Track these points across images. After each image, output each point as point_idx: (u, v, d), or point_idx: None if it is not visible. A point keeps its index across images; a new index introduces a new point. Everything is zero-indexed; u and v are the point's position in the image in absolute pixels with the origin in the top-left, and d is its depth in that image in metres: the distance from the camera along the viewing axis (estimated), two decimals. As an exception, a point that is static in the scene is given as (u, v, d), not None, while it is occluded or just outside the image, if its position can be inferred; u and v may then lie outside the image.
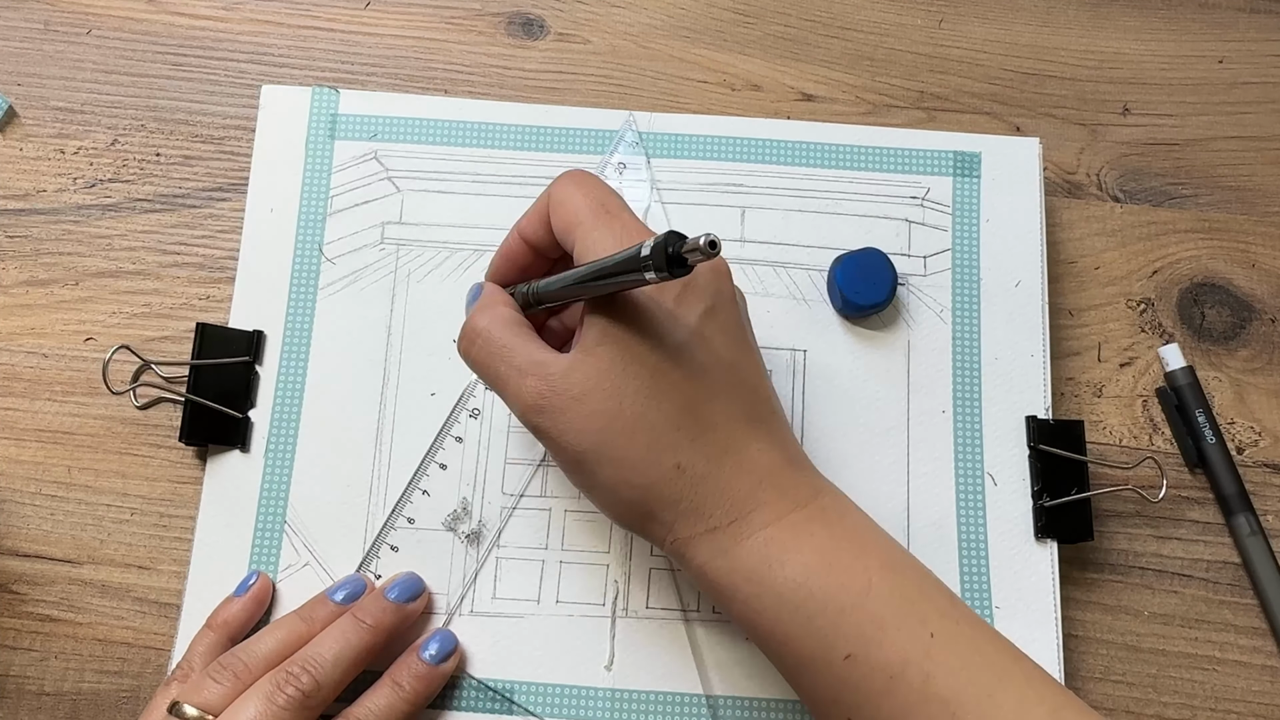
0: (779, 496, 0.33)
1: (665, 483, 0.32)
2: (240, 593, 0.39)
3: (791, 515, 0.33)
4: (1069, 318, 0.46)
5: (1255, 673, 0.42)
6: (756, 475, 0.33)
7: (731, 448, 0.33)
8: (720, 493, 0.32)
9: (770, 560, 0.32)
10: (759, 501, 0.32)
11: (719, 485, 0.32)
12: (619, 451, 0.32)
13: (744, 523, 0.32)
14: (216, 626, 0.38)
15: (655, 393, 0.32)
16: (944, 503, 0.42)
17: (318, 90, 0.46)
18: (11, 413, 0.44)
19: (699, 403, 0.32)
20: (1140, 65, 0.51)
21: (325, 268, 0.44)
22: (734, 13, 0.51)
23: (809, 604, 0.31)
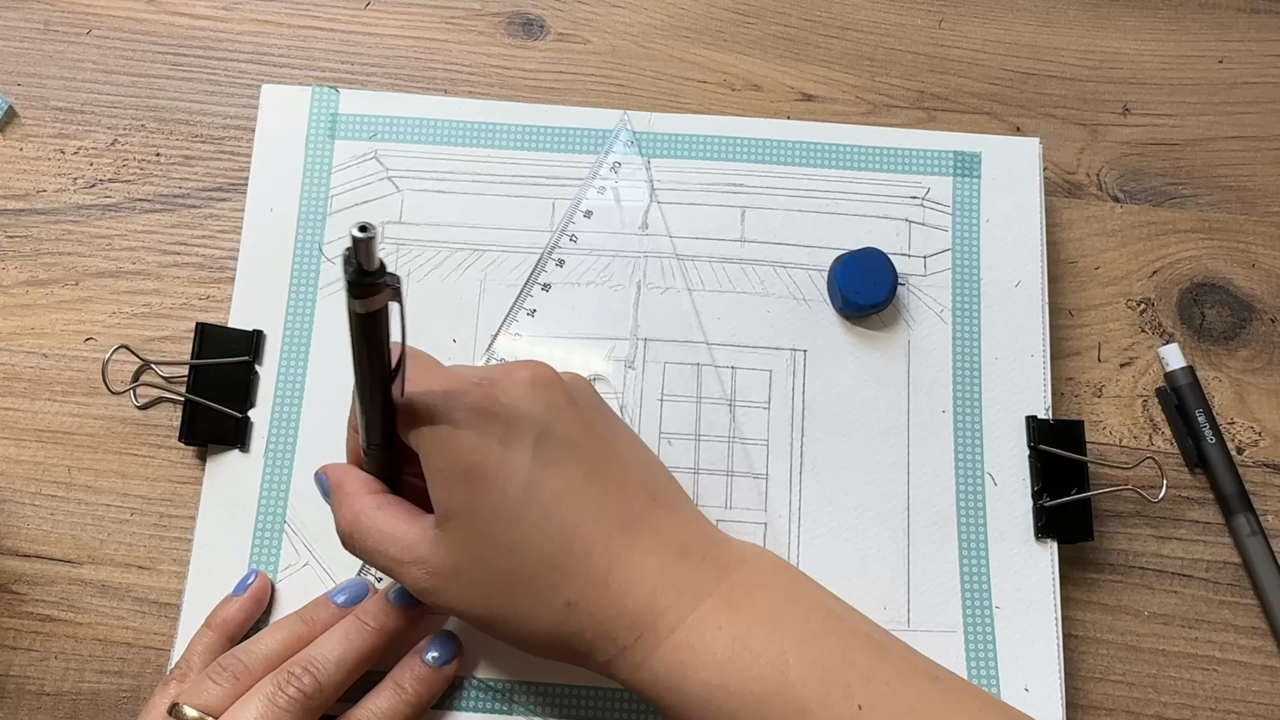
0: (678, 596, 0.32)
1: (563, 621, 0.32)
2: (239, 592, 0.39)
3: (696, 612, 0.31)
4: (1069, 318, 0.46)
5: (1255, 673, 0.42)
6: (649, 583, 0.32)
7: (614, 565, 0.32)
8: (617, 613, 0.32)
9: (683, 666, 0.31)
10: (660, 609, 0.32)
11: (614, 607, 0.32)
12: (509, 608, 0.32)
13: (650, 633, 0.31)
14: (215, 626, 0.38)
15: (518, 544, 0.31)
16: (944, 503, 0.42)
17: (318, 90, 0.46)
18: (11, 413, 0.44)
19: (566, 535, 0.31)
20: (1140, 65, 0.51)
21: (325, 267, 0.44)
22: (734, 13, 0.51)
23: (728, 703, 0.31)
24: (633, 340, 0.44)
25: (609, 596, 0.32)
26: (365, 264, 0.26)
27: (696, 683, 0.31)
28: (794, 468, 0.42)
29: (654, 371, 0.43)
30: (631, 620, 0.31)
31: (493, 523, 0.31)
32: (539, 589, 0.32)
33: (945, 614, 0.41)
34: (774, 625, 0.31)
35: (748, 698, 0.30)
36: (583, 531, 0.32)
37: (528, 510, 0.31)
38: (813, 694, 0.30)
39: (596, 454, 0.33)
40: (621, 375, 0.43)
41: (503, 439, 0.31)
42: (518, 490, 0.31)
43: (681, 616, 0.31)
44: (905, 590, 0.41)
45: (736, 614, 0.32)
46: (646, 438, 0.42)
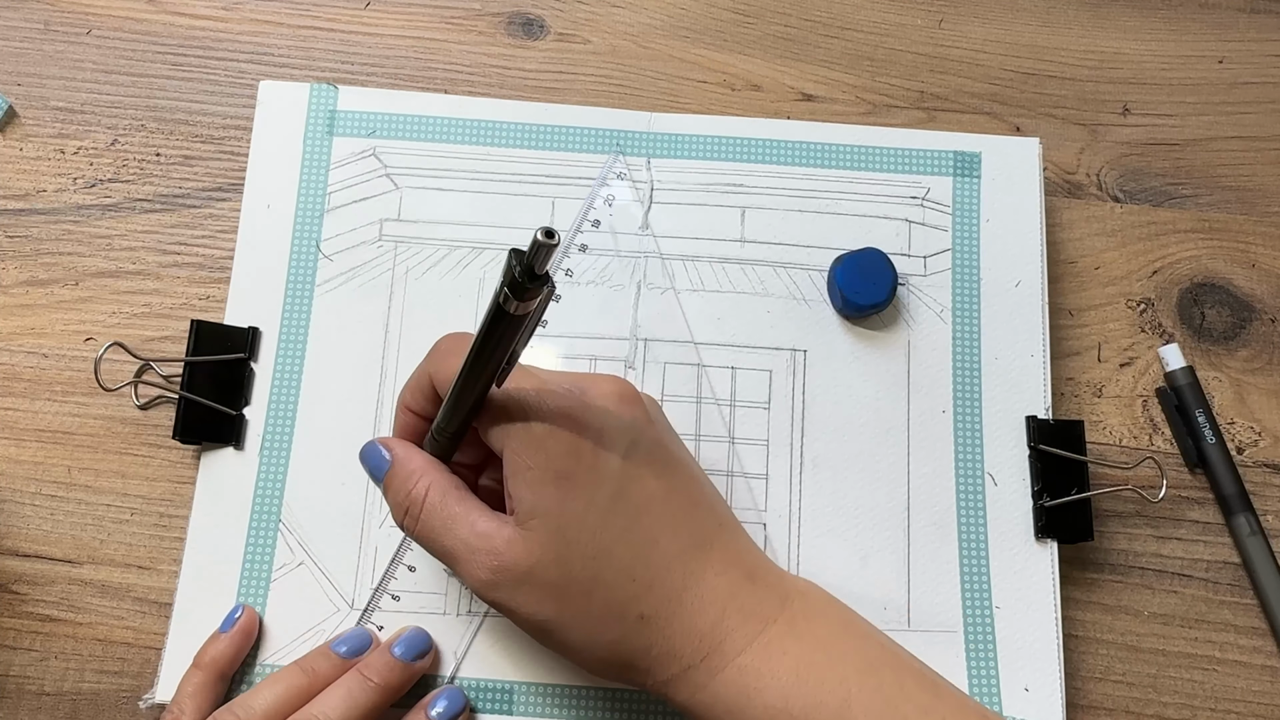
0: (744, 620, 0.32)
1: (633, 635, 0.32)
2: (225, 628, 0.38)
3: (761, 637, 0.32)
4: (1069, 318, 0.46)
5: (1255, 673, 0.42)
6: (719, 604, 0.32)
7: (689, 582, 0.32)
8: (687, 631, 0.32)
9: (747, 690, 0.31)
10: (727, 630, 0.32)
11: (685, 624, 0.32)
12: (579, 616, 0.32)
13: (716, 655, 0.32)
14: (204, 665, 0.37)
15: (600, 552, 0.31)
16: (944, 503, 0.42)
17: (316, 86, 0.46)
18: (11, 413, 0.44)
19: (647, 547, 0.32)
20: (1140, 65, 0.51)
21: (322, 264, 0.44)
22: (734, 13, 0.51)
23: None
24: (633, 340, 0.44)
25: (681, 613, 0.32)
26: (538, 268, 0.26)
27: (760, 707, 0.31)
28: (794, 468, 0.42)
29: (654, 371, 0.43)
30: (700, 640, 0.32)
31: (579, 527, 0.31)
32: (615, 599, 0.32)
33: (945, 614, 0.41)
34: (836, 654, 0.32)
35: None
36: (662, 546, 0.32)
37: (615, 518, 0.31)
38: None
39: (675, 472, 0.33)
40: (621, 376, 0.43)
41: (594, 447, 0.32)
42: (606, 498, 0.31)
43: (749, 640, 0.32)
44: (905, 590, 0.41)
45: (800, 641, 0.32)
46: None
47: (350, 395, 0.43)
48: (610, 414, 0.32)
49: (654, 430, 0.34)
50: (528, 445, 0.32)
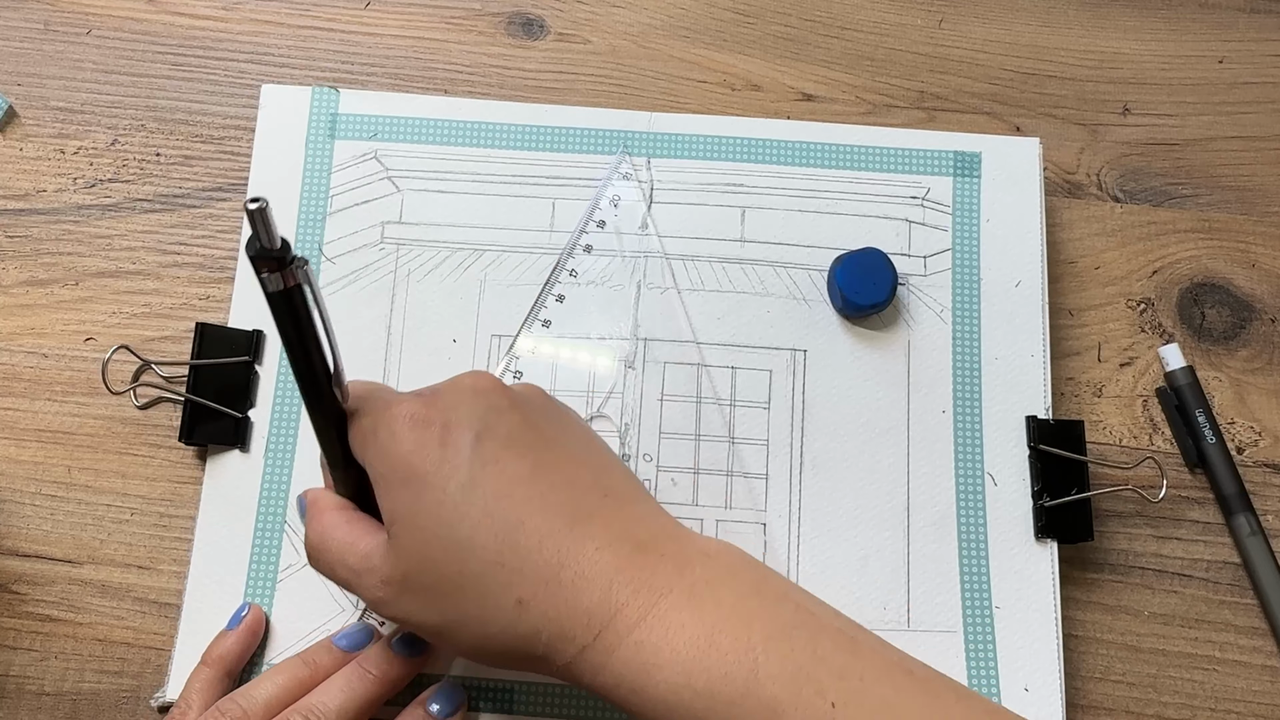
0: (634, 593, 0.30)
1: (516, 622, 0.31)
2: (233, 626, 0.39)
3: (655, 609, 0.30)
4: (1069, 318, 0.46)
5: (1255, 673, 0.42)
6: (604, 578, 0.30)
7: (565, 560, 0.31)
8: (573, 610, 0.30)
9: (646, 666, 0.30)
10: (616, 605, 0.30)
11: (568, 604, 0.30)
12: (461, 613, 0.31)
13: (609, 632, 0.30)
14: (211, 662, 0.38)
15: (461, 543, 0.31)
16: (944, 503, 0.42)
17: (318, 90, 0.46)
18: (11, 413, 0.44)
19: (511, 531, 0.31)
20: (1140, 65, 0.51)
21: (325, 267, 0.44)
22: (734, 13, 0.51)
23: (696, 703, 0.29)
24: (633, 340, 0.44)
25: (561, 593, 0.30)
26: (265, 240, 0.26)
27: (661, 683, 0.30)
28: (794, 468, 0.42)
29: (654, 371, 0.43)
30: (588, 618, 0.30)
31: (435, 524, 0.31)
32: (488, 588, 0.31)
33: (945, 614, 0.41)
34: (741, 621, 0.30)
35: (716, 698, 0.29)
36: (528, 526, 0.31)
37: (470, 508, 0.31)
38: (784, 691, 0.29)
39: (542, 451, 0.32)
40: (621, 375, 0.43)
41: (440, 440, 0.31)
42: (458, 489, 0.31)
43: (642, 614, 0.30)
44: (905, 590, 0.41)
45: (700, 610, 0.30)
46: (646, 438, 0.42)
47: None
48: (460, 406, 0.32)
49: (513, 415, 0.33)
50: (379, 454, 0.32)
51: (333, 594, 0.40)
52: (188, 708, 0.36)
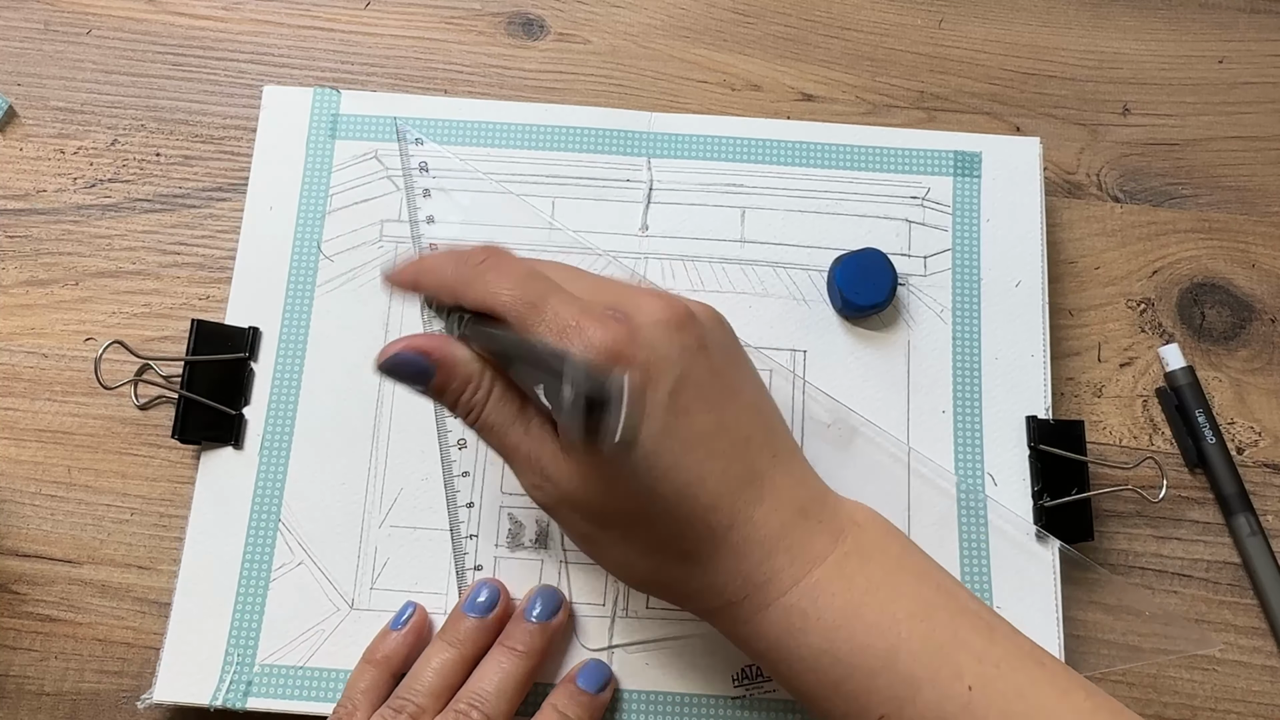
0: (792, 560, 0.31)
1: (673, 567, 0.32)
2: (397, 626, 0.39)
3: (810, 577, 0.31)
4: (1069, 318, 0.46)
5: (1255, 673, 0.42)
6: (768, 544, 0.31)
7: (737, 521, 0.31)
8: (731, 570, 0.31)
9: (792, 629, 0.31)
10: (774, 569, 0.31)
11: (729, 563, 0.31)
12: (619, 542, 0.32)
13: (761, 594, 0.31)
14: (377, 662, 0.38)
15: (643, 490, 0.30)
16: (944, 503, 0.42)
17: (319, 91, 0.46)
18: (11, 413, 0.44)
19: (693, 486, 0.31)
20: (1140, 65, 0.51)
21: (323, 265, 0.44)
22: (734, 13, 0.51)
23: (835, 669, 0.30)
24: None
25: (725, 551, 0.31)
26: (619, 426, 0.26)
27: (804, 646, 0.30)
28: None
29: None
30: (745, 579, 0.31)
31: (620, 464, 0.30)
32: (656, 536, 0.31)
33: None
34: (887, 597, 0.31)
35: (856, 667, 0.30)
36: (709, 484, 0.31)
37: (659, 458, 0.30)
38: (923, 669, 0.30)
39: (726, 405, 0.32)
40: (621, 375, 0.43)
41: (640, 383, 0.30)
42: (651, 436, 0.30)
43: (795, 579, 0.31)
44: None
45: (851, 582, 0.31)
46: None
47: (350, 395, 0.43)
48: (658, 345, 0.30)
49: (706, 359, 0.31)
50: None
51: (326, 594, 0.40)
52: (354, 708, 0.36)
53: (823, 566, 0.31)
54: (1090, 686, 0.31)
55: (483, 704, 0.35)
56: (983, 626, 0.31)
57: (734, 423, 0.32)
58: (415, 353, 0.32)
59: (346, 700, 0.37)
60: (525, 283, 0.31)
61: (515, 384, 0.32)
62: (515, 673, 0.37)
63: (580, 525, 0.32)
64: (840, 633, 0.30)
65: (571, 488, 0.31)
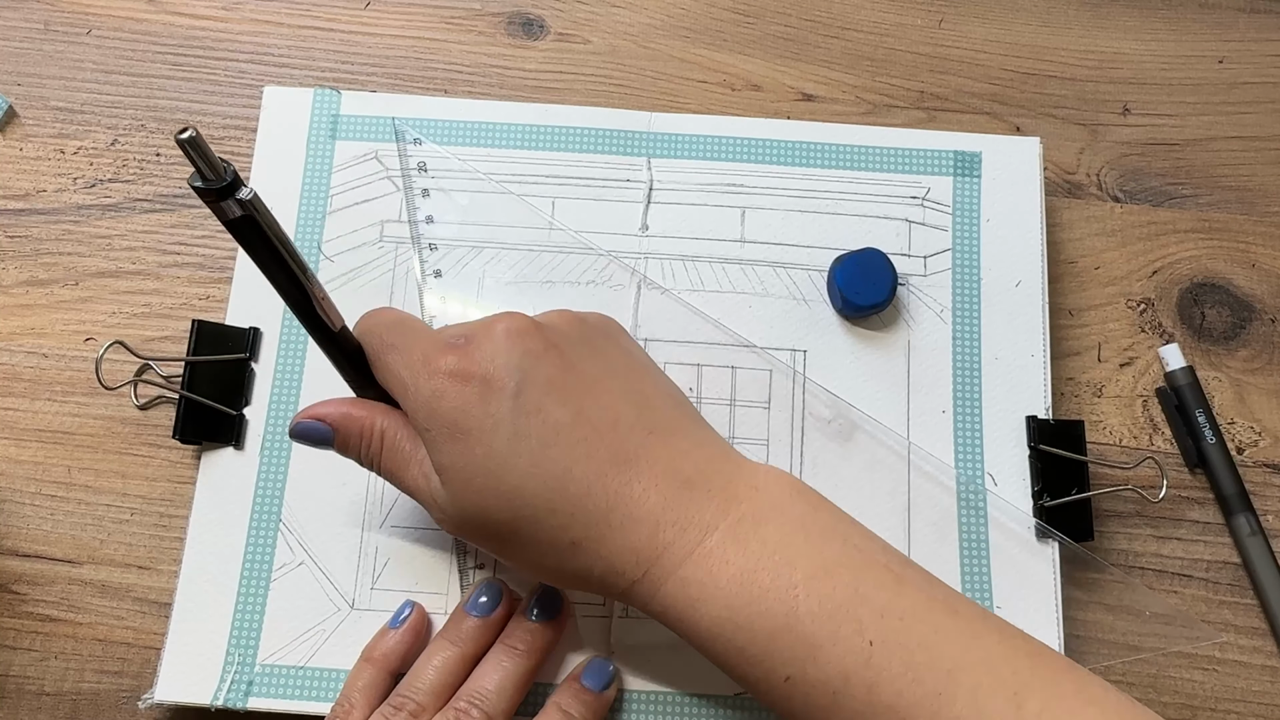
0: (681, 531, 0.32)
1: (570, 560, 0.32)
2: (395, 624, 0.39)
3: (701, 546, 0.31)
4: (1069, 318, 0.46)
5: (1255, 673, 0.42)
6: (651, 519, 0.32)
7: (614, 503, 0.32)
8: (622, 549, 0.32)
9: (691, 600, 0.31)
10: (664, 543, 0.32)
11: (618, 543, 0.32)
12: (514, 549, 0.33)
13: (657, 568, 0.32)
14: (375, 660, 0.38)
15: (511, 492, 0.32)
16: (944, 503, 0.42)
17: (319, 91, 0.46)
18: (11, 413, 0.44)
19: (560, 478, 0.32)
20: (1140, 65, 0.51)
21: (324, 265, 0.44)
22: (734, 13, 0.51)
23: (737, 636, 0.31)
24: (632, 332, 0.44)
25: (611, 534, 0.32)
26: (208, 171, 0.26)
27: (705, 616, 0.31)
28: (794, 468, 0.42)
29: (654, 371, 0.43)
30: (637, 556, 0.32)
31: (484, 476, 0.32)
32: (541, 533, 0.32)
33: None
34: (784, 559, 0.31)
35: (756, 632, 0.30)
36: (576, 473, 0.32)
37: (517, 459, 0.31)
38: (822, 629, 0.30)
39: (583, 394, 0.33)
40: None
41: (482, 395, 0.32)
42: (503, 442, 0.31)
43: (687, 551, 0.31)
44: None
45: (744, 548, 0.31)
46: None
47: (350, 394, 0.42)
48: (498, 356, 0.32)
49: (552, 357, 0.33)
50: (421, 409, 0.32)
51: (327, 594, 0.40)
52: (351, 707, 0.36)
53: (715, 534, 0.32)
54: (1008, 628, 0.31)
55: (483, 702, 0.36)
56: (890, 579, 0.31)
57: (595, 409, 0.33)
58: (314, 420, 0.35)
59: (344, 699, 0.37)
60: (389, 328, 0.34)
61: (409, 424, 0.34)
62: (516, 672, 0.37)
63: (483, 541, 0.34)
64: (737, 600, 0.31)
65: (456, 510, 0.33)
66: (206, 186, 0.26)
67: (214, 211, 0.27)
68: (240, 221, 0.28)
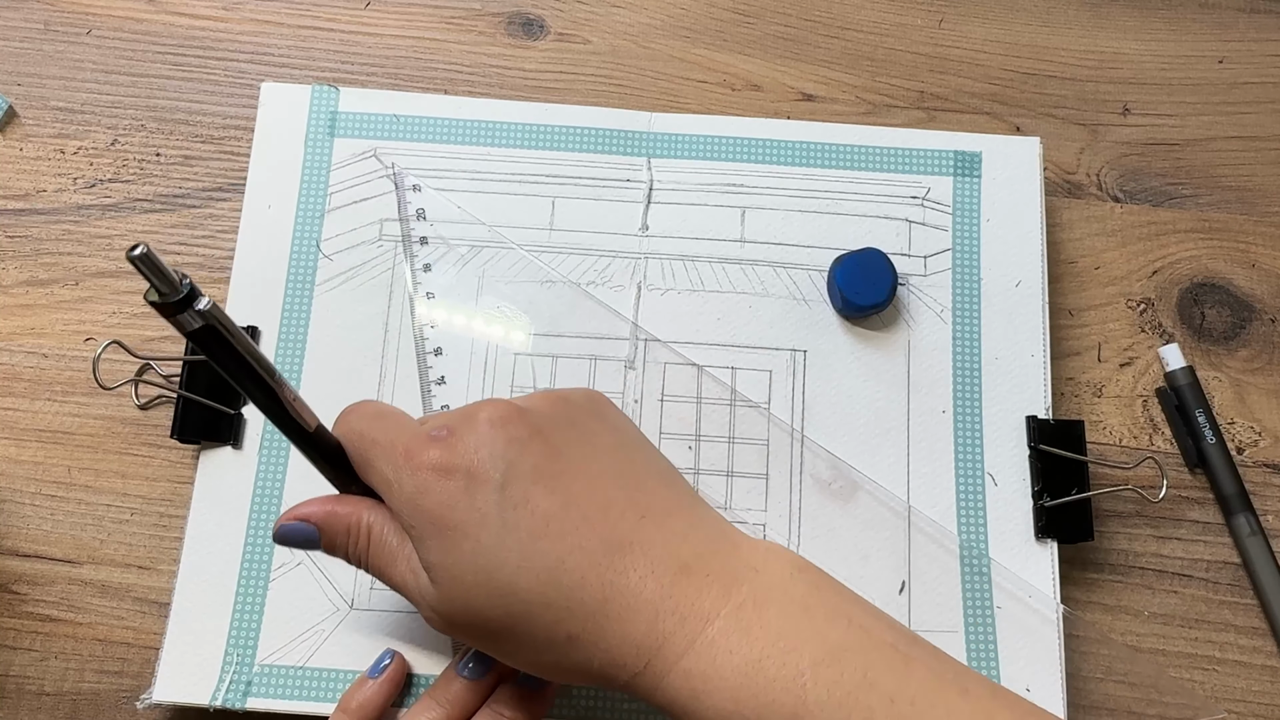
0: (681, 622, 0.30)
1: (569, 653, 0.31)
2: (374, 675, 0.38)
3: (703, 636, 0.30)
4: (1069, 318, 0.46)
5: (1255, 673, 0.42)
6: (649, 609, 0.30)
7: (609, 594, 0.30)
8: (622, 641, 0.30)
9: (696, 694, 0.30)
10: (664, 634, 0.30)
11: (617, 636, 0.30)
12: (510, 646, 0.32)
13: (658, 660, 0.30)
14: (352, 712, 0.37)
15: (504, 589, 0.30)
16: (944, 503, 0.42)
17: (317, 88, 0.46)
18: (11, 413, 0.44)
19: (553, 571, 0.30)
20: (1140, 65, 0.51)
21: (322, 264, 0.44)
22: (734, 13, 0.51)
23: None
24: (633, 341, 0.44)
25: (610, 626, 0.30)
26: (161, 284, 0.25)
27: (711, 709, 0.30)
28: (794, 468, 0.42)
29: (654, 372, 0.43)
30: (637, 648, 0.30)
31: (474, 572, 0.31)
32: (536, 627, 0.31)
33: (946, 614, 0.41)
34: (789, 646, 0.30)
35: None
36: (569, 564, 0.30)
37: (507, 553, 0.30)
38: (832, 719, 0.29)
39: (571, 480, 0.32)
40: (622, 376, 0.43)
41: (467, 489, 0.31)
42: (491, 537, 0.30)
43: (689, 642, 0.30)
44: (906, 590, 0.41)
45: (747, 636, 0.30)
46: (646, 437, 0.42)
47: (349, 394, 0.42)
48: (481, 447, 0.31)
49: (537, 445, 0.32)
50: (405, 506, 0.32)
51: (325, 594, 0.40)
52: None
53: (716, 623, 0.30)
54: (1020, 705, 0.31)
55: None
56: (898, 661, 0.30)
57: (585, 496, 0.32)
58: (299, 520, 0.34)
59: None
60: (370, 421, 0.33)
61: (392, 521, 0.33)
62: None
63: (476, 640, 0.33)
64: (744, 691, 0.29)
65: (446, 608, 0.32)
66: (163, 301, 0.26)
67: (173, 325, 0.26)
68: (201, 332, 0.27)
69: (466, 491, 0.31)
